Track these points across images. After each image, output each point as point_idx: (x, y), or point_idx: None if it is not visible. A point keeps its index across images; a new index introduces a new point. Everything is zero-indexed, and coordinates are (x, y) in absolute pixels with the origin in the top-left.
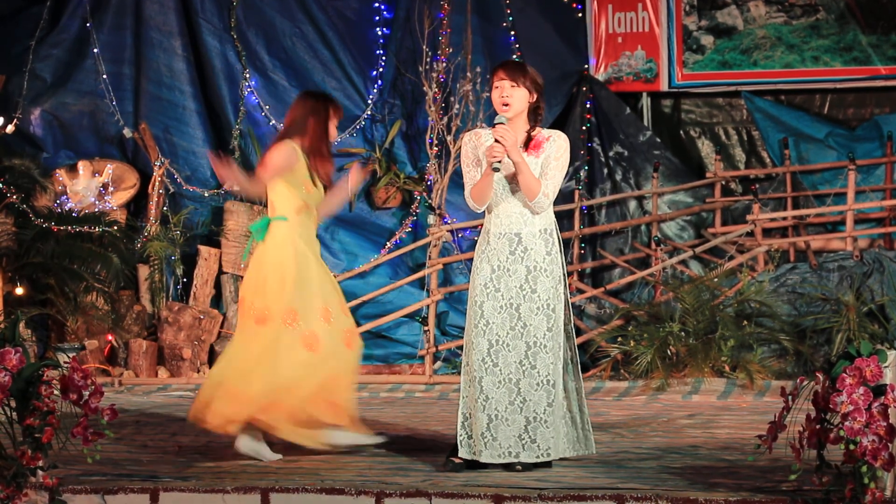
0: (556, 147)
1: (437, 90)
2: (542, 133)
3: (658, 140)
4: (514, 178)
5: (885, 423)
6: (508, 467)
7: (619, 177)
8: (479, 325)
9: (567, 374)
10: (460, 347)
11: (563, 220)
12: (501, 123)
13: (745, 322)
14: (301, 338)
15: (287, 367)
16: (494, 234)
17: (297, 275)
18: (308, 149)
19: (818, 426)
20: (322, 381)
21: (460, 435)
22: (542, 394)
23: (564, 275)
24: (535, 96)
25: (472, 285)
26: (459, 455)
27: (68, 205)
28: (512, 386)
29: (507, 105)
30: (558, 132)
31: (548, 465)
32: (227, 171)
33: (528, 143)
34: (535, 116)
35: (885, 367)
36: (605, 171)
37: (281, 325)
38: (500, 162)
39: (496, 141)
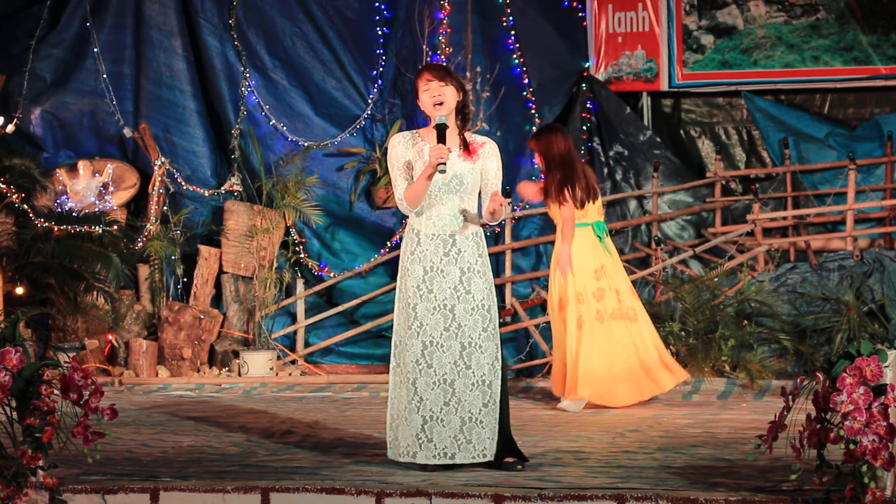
0: (496, 158)
1: None
2: (476, 139)
3: (658, 140)
4: (456, 183)
5: (885, 423)
6: (511, 467)
7: (619, 176)
8: (413, 326)
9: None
10: None
11: None
12: (443, 124)
13: (746, 322)
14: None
15: None
16: (426, 235)
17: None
18: None
19: (818, 426)
20: None
21: (389, 436)
22: (477, 394)
23: (492, 277)
24: (462, 94)
25: (401, 286)
26: (389, 456)
27: (68, 204)
28: (447, 387)
29: (441, 103)
30: (489, 139)
31: (521, 461)
32: None
33: (466, 146)
34: (464, 117)
35: (886, 366)
36: (606, 170)
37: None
38: (444, 163)
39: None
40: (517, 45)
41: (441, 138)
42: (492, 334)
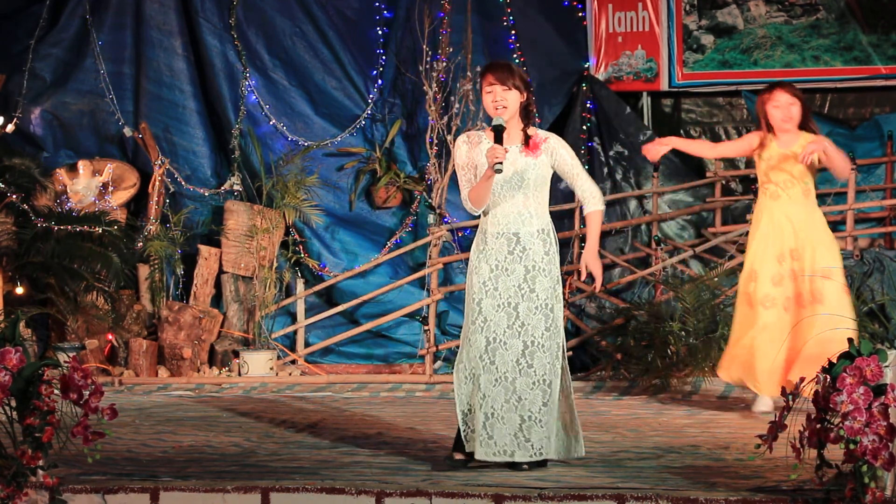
0: (565, 149)
1: (437, 90)
2: (538, 134)
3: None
4: (517, 179)
5: (885, 423)
6: (514, 466)
7: (619, 176)
8: (478, 321)
9: (563, 375)
10: None
11: (564, 219)
12: (500, 125)
13: None
14: None
15: None
16: (492, 235)
17: None
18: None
19: (818, 426)
20: None
21: (464, 431)
22: (537, 393)
23: (561, 275)
24: (526, 95)
25: (469, 284)
26: (466, 449)
27: (68, 204)
28: (508, 384)
29: (503, 108)
30: (552, 134)
31: (543, 463)
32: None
33: (527, 141)
34: (527, 115)
35: (886, 366)
36: (606, 170)
37: None
38: (501, 163)
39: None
40: (517, 45)
41: (498, 139)
42: (554, 333)
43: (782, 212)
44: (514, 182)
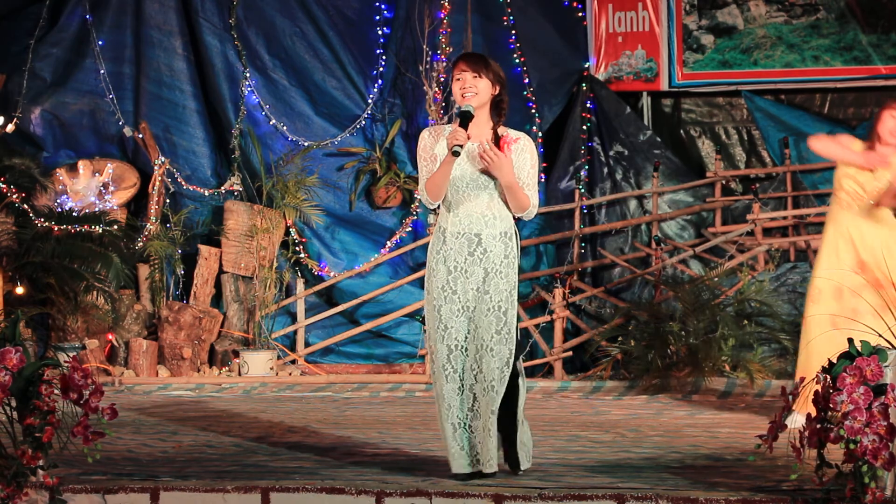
0: (530, 154)
1: (437, 89)
2: (509, 133)
3: (658, 139)
4: (483, 179)
5: (885, 423)
6: (516, 469)
7: (619, 176)
8: (438, 330)
9: (515, 383)
10: None
11: (564, 219)
12: (467, 111)
13: (746, 321)
14: None
15: None
16: (451, 234)
17: None
18: None
19: (818, 425)
20: None
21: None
22: (487, 400)
23: (517, 280)
24: (498, 89)
25: (427, 288)
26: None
27: (68, 204)
28: (469, 392)
29: (473, 94)
30: (524, 135)
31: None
32: None
33: (496, 141)
34: (498, 111)
35: (886, 366)
36: (606, 170)
37: None
38: (460, 146)
39: (463, 132)
40: (517, 45)
41: (463, 125)
42: (505, 338)
43: None
44: (482, 182)
